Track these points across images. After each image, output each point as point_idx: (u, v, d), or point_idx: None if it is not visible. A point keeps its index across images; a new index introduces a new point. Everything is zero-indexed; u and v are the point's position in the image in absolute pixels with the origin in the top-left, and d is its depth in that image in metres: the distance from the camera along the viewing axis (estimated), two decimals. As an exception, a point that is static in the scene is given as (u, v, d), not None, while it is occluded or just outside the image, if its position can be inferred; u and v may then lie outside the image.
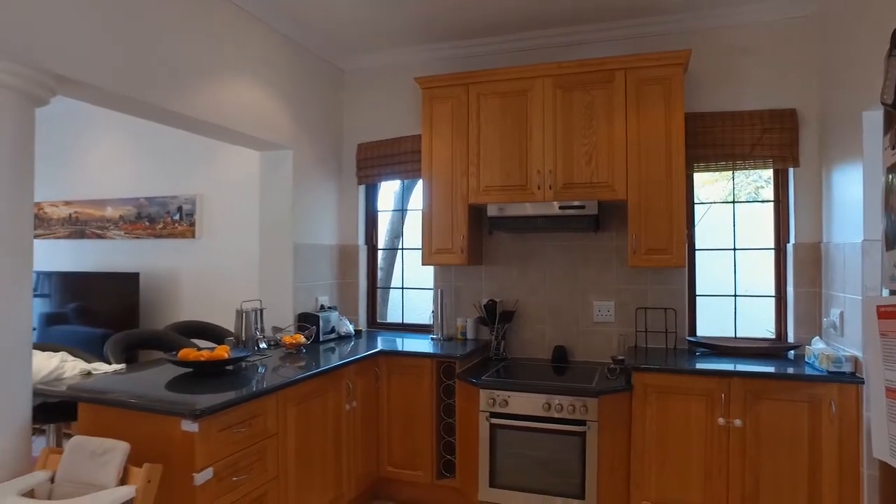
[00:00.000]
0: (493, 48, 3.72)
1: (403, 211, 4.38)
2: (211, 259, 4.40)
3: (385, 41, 3.80)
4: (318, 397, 2.74)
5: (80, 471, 1.90)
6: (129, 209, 4.71)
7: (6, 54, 1.98)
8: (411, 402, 3.26)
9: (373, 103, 4.10)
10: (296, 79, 3.62)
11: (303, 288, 3.69)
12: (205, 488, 2.03)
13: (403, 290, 4.26)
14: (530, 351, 3.63)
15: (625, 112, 3.10)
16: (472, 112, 3.38)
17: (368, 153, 4.07)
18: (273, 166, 3.65)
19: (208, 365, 2.52)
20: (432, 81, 3.46)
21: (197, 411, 1.98)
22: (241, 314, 3.12)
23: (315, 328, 3.49)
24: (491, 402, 2.94)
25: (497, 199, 3.32)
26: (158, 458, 2.02)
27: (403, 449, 3.28)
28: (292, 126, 3.59)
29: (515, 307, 3.65)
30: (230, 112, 3.06)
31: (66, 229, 5.03)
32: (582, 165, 3.15)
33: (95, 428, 2.16)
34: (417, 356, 3.26)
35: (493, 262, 3.74)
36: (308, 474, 2.65)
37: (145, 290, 4.61)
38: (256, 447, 2.30)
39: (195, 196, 4.43)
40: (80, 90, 2.38)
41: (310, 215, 3.79)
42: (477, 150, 3.37)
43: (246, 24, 3.18)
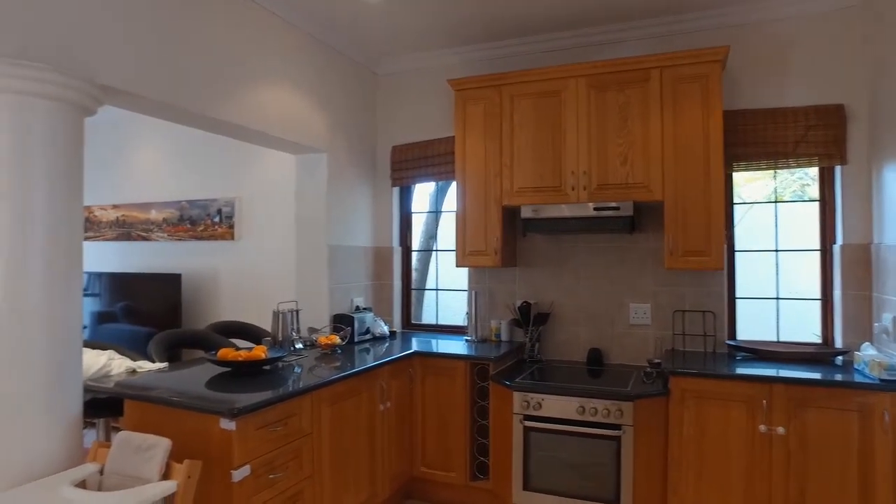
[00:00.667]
0: (525, 49, 3.71)
1: (438, 212, 4.40)
2: (249, 260, 4.51)
3: (418, 44, 3.82)
4: (352, 397, 2.77)
5: (126, 464, 1.97)
6: (171, 212, 4.86)
7: (59, 68, 2.07)
8: (445, 403, 3.27)
9: (406, 106, 4.13)
10: (330, 83, 3.68)
11: (338, 289, 3.75)
12: (242, 485, 2.08)
13: (438, 291, 4.28)
14: (565, 353, 3.60)
15: (661, 111, 3.04)
16: (504, 113, 3.37)
17: (402, 155, 4.10)
18: (308, 169, 3.72)
19: (246, 365, 2.58)
20: (465, 83, 3.47)
21: (235, 410, 2.03)
22: (277, 315, 3.19)
23: (350, 329, 3.54)
24: (525, 404, 2.93)
25: (530, 201, 3.30)
26: (198, 455, 2.09)
27: (437, 450, 3.29)
28: (327, 129, 3.65)
29: (550, 309, 3.62)
30: (267, 117, 3.13)
31: (114, 231, 5.23)
32: (616, 166, 3.11)
33: (140, 423, 2.24)
34: (451, 358, 3.27)
35: (527, 264, 3.72)
36: (342, 473, 2.69)
37: (187, 291, 4.76)
38: (292, 446, 2.35)
39: (234, 199, 4.55)
40: (125, 100, 2.48)
41: (345, 217, 3.85)
42: (510, 152, 3.36)
43: (282, 31, 3.25)
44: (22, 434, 2.01)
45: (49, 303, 2.06)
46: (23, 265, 2.02)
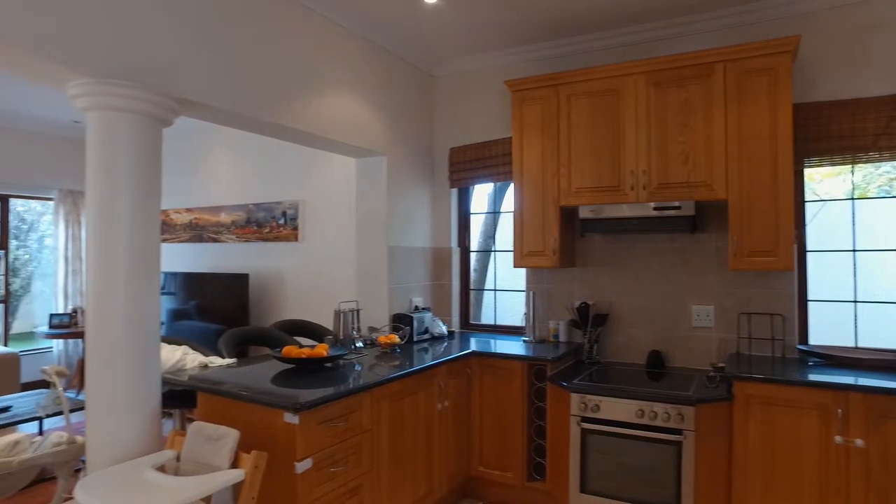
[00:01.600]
0: (582, 47, 3.66)
1: (496, 213, 4.41)
2: (312, 261, 4.67)
3: (474, 46, 3.85)
4: (410, 396, 2.83)
5: (200, 452, 2.10)
6: (239, 215, 5.10)
7: (140, 84, 2.23)
8: (502, 403, 3.28)
9: (463, 107, 4.16)
10: (389, 87, 3.76)
11: (398, 289, 3.82)
12: (305, 477, 2.17)
13: (496, 291, 4.29)
14: (624, 355, 3.53)
15: (724, 107, 2.94)
16: (562, 113, 3.35)
17: (460, 157, 4.14)
18: (369, 172, 3.82)
19: (309, 362, 2.68)
20: (521, 84, 3.46)
21: (298, 405, 2.12)
22: (339, 314, 3.29)
23: (409, 329, 3.60)
24: (582, 406, 2.90)
25: (589, 201, 3.27)
26: (264, 446, 2.20)
27: (494, 449, 3.31)
28: (386, 133, 3.73)
29: (609, 310, 3.57)
30: (330, 122, 3.24)
31: (188, 234, 5.53)
32: (678, 165, 3.03)
33: (212, 415, 2.38)
34: (509, 358, 3.27)
35: (585, 265, 3.68)
36: (400, 469, 2.75)
37: (254, 290, 4.98)
38: (352, 441, 2.43)
39: (298, 202, 4.72)
40: (199, 110, 2.64)
41: (404, 218, 3.92)
42: (568, 152, 3.34)
43: (343, 39, 3.35)
44: (111, 422, 2.18)
45: (132, 301, 2.22)
46: (110, 267, 2.19)
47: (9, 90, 4.82)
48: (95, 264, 2.20)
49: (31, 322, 8.44)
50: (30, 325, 8.28)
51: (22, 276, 8.66)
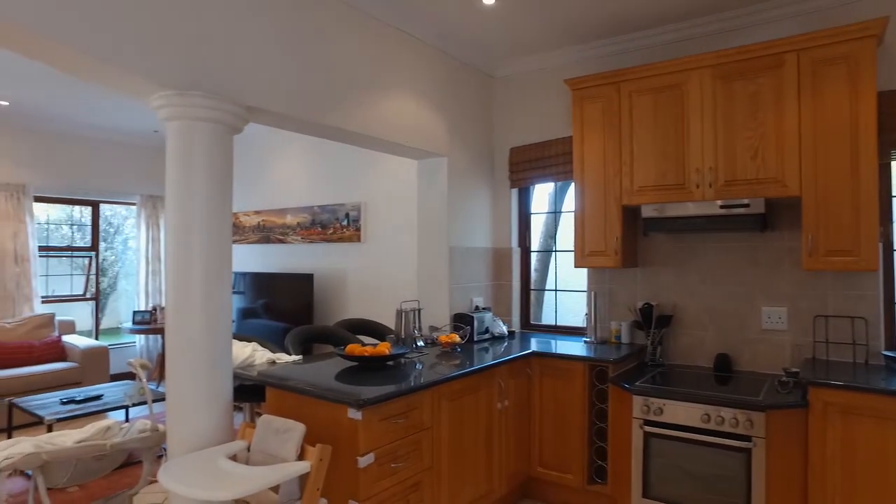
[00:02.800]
0: (643, 42, 3.58)
1: (557, 213, 4.38)
2: (374, 261, 4.78)
3: (533, 45, 3.83)
4: (471, 395, 2.85)
5: (268, 444, 2.20)
6: (304, 216, 5.28)
7: (214, 94, 2.36)
8: (563, 404, 3.25)
9: (523, 107, 4.15)
10: (448, 89, 3.80)
11: (458, 289, 3.86)
12: (367, 471, 2.23)
13: (557, 292, 4.25)
14: (689, 357, 3.42)
15: (797, 98, 2.80)
16: (623, 111, 3.29)
17: (520, 157, 4.13)
18: (429, 173, 3.87)
19: (371, 360, 2.75)
20: (582, 82, 3.42)
21: (361, 401, 2.19)
22: (400, 314, 3.36)
23: (469, 328, 3.63)
24: (645, 409, 2.84)
25: (652, 200, 3.19)
26: (328, 440, 2.28)
27: (554, 451, 3.28)
28: (447, 134, 3.78)
29: (673, 311, 3.47)
30: (391, 125, 3.31)
31: (256, 235, 5.78)
32: (746, 160, 2.91)
33: (279, 409, 2.49)
34: (570, 359, 3.24)
35: (648, 265, 3.59)
36: (460, 467, 2.78)
37: (318, 290, 5.14)
38: (413, 438, 2.47)
39: (360, 203, 4.84)
40: (267, 117, 2.76)
41: (465, 219, 3.95)
42: (630, 150, 3.27)
43: (403, 43, 3.42)
44: (188, 413, 2.32)
45: (206, 300, 2.35)
46: (186, 267, 2.33)
47: (98, 104, 5.19)
48: (174, 265, 2.34)
49: (117, 318, 9.05)
50: (116, 320, 8.89)
51: (109, 275, 9.29)
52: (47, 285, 6.41)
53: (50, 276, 6.54)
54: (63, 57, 2.05)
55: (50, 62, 2.12)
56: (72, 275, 7.20)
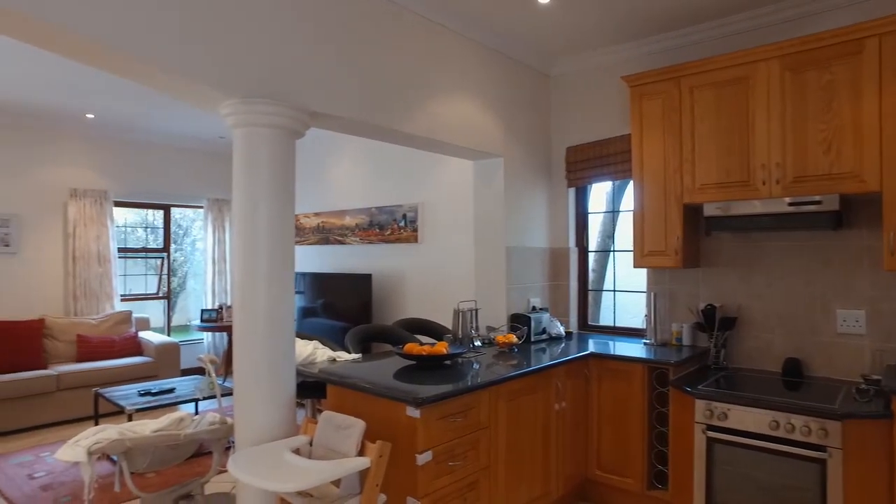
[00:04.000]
0: (704, 35, 3.46)
1: (615, 212, 4.30)
2: (431, 262, 4.83)
3: (589, 43, 3.78)
4: (528, 395, 2.85)
5: (329, 440, 2.27)
6: (362, 218, 5.39)
7: (277, 101, 2.46)
8: (622, 406, 3.20)
9: (580, 106, 4.10)
10: (504, 89, 3.80)
11: (515, 289, 3.85)
12: (425, 468, 2.27)
13: (615, 292, 4.18)
14: (755, 361, 3.29)
15: (878, 87, 2.63)
16: (684, 107, 3.20)
17: (577, 156, 4.08)
18: (486, 174, 3.88)
19: (429, 359, 2.79)
20: (640, 79, 3.35)
21: (419, 399, 2.22)
22: (458, 314, 3.38)
23: (526, 329, 3.62)
24: (708, 413, 2.75)
25: (714, 198, 3.09)
26: (387, 437, 2.33)
27: (612, 454, 3.23)
28: (502, 134, 3.78)
29: (737, 313, 3.34)
30: (448, 127, 3.34)
31: (316, 236, 5.94)
32: (818, 155, 2.77)
33: (339, 405, 2.56)
34: (629, 360, 3.18)
35: (711, 265, 3.47)
36: (517, 468, 2.78)
37: (376, 290, 5.24)
38: (470, 437, 2.49)
39: (417, 204, 4.90)
40: (328, 122, 2.85)
41: (521, 219, 3.94)
42: (691, 147, 3.18)
43: (459, 45, 3.44)
44: (254, 407, 2.42)
45: (270, 299, 2.45)
46: (252, 267, 2.44)
47: (169, 114, 5.48)
48: (240, 265, 2.45)
49: (186, 316, 9.51)
50: (185, 318, 9.35)
51: (179, 275, 9.78)
52: (125, 284, 6.81)
53: (127, 276, 6.94)
54: (142, 71, 2.18)
55: (131, 77, 2.27)
56: (146, 275, 7.62)
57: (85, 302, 5.94)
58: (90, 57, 2.11)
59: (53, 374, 4.95)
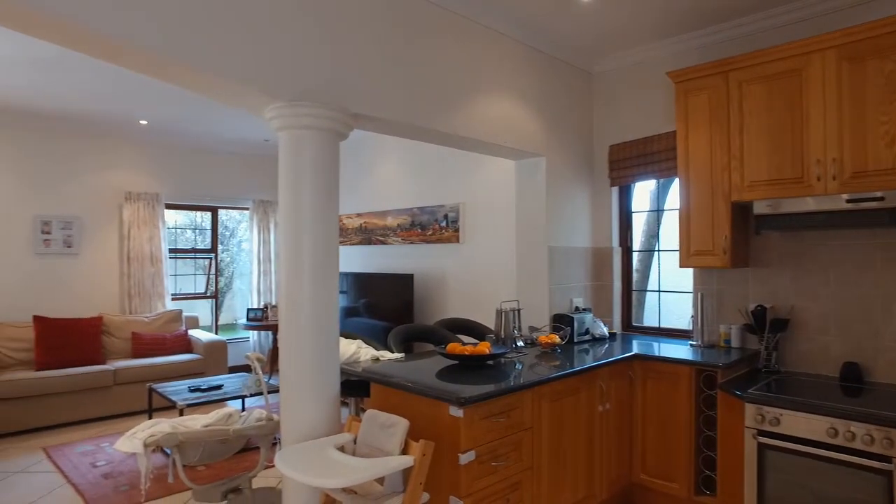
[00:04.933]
0: (753, 28, 3.35)
1: (659, 211, 4.21)
2: (473, 262, 4.83)
3: (631, 39, 3.71)
4: (571, 396, 2.82)
5: (373, 438, 2.30)
6: (404, 218, 5.43)
7: (321, 104, 2.50)
8: (667, 409, 3.13)
9: (623, 103, 4.03)
10: (546, 87, 3.77)
11: (558, 289, 3.82)
12: (468, 468, 2.27)
13: (660, 293, 4.09)
14: (809, 365, 3.17)
15: (943, 79, 2.50)
16: (732, 102, 3.10)
17: (620, 154, 4.02)
18: (528, 173, 3.86)
19: (472, 359, 2.79)
20: (685, 74, 3.27)
21: (462, 399, 2.23)
22: (500, 314, 3.38)
23: (569, 329, 3.58)
24: (759, 418, 2.66)
25: (765, 195, 2.99)
26: (430, 436, 2.34)
27: (658, 457, 3.16)
28: (544, 133, 3.75)
29: (790, 315, 3.22)
30: (490, 127, 3.34)
31: (358, 237, 6.02)
32: (880, 149, 2.64)
33: (383, 404, 2.59)
34: (675, 362, 3.11)
35: (761, 264, 3.36)
36: (560, 469, 2.75)
37: (418, 289, 5.27)
38: (513, 438, 2.48)
39: (459, 205, 4.91)
40: (371, 124, 2.88)
41: (563, 219, 3.90)
42: (739, 143, 3.08)
43: (500, 44, 3.43)
44: (300, 405, 2.47)
45: (315, 297, 2.50)
46: (297, 266, 2.49)
47: (216, 119, 5.65)
48: (286, 265, 2.51)
49: (232, 315, 9.78)
50: (231, 317, 9.61)
51: (225, 275, 10.07)
52: (175, 284, 7.05)
53: (177, 276, 7.18)
54: (195, 79, 2.26)
55: (184, 84, 2.35)
56: (195, 275, 7.88)
57: (139, 301, 6.18)
58: (147, 67, 2.19)
59: (111, 369, 5.17)
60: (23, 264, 5.58)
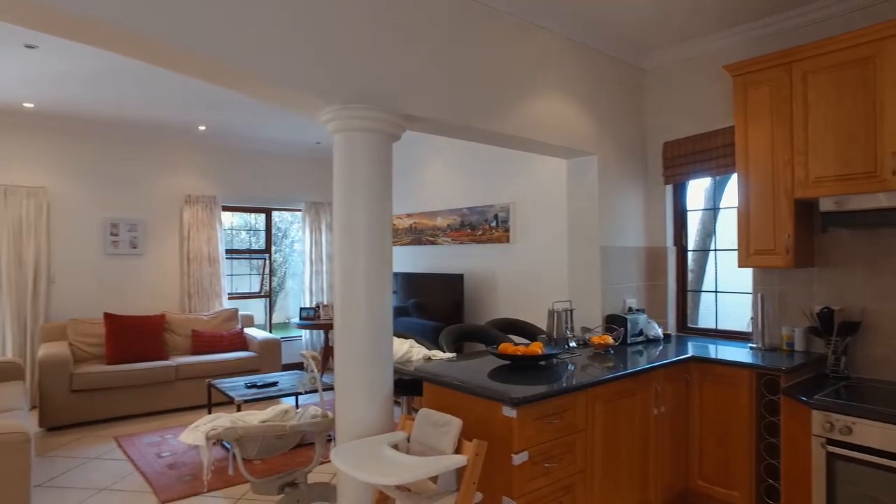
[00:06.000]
0: (817, 16, 3.20)
1: (715, 209, 4.08)
2: (523, 261, 4.80)
3: (685, 33, 3.61)
4: (625, 398, 2.77)
5: (427, 436, 2.32)
6: (454, 218, 5.45)
7: (375, 106, 2.54)
8: (726, 414, 3.03)
9: (677, 99, 3.93)
10: (597, 85, 3.72)
11: (610, 290, 3.75)
12: (521, 469, 2.26)
13: (717, 293, 3.97)
14: (885, 372, 3.00)
15: None
16: (795, 94, 2.98)
17: (675, 151, 3.92)
18: (579, 172, 3.81)
19: (524, 359, 2.78)
20: (744, 67, 3.15)
21: (516, 399, 2.22)
22: (552, 314, 3.34)
23: (623, 330, 3.52)
24: (827, 426, 2.54)
25: (833, 191, 2.85)
26: (482, 436, 2.34)
27: (716, 464, 3.06)
28: (596, 131, 3.69)
29: (861, 317, 3.07)
30: (541, 126, 3.31)
31: (408, 237, 6.07)
32: (960, 142, 2.48)
33: (435, 403, 2.60)
34: (734, 365, 3.01)
35: (827, 264, 3.21)
36: (614, 473, 2.71)
37: (468, 289, 5.28)
38: (566, 439, 2.46)
39: (509, 204, 4.89)
40: (423, 124, 2.91)
41: (616, 218, 3.83)
42: (804, 137, 2.95)
43: (551, 42, 3.40)
44: (354, 402, 2.52)
45: (369, 297, 2.53)
46: (352, 266, 2.53)
47: (269, 122, 5.82)
48: (341, 265, 2.55)
49: (285, 314, 10.05)
50: (284, 316, 9.87)
51: (278, 275, 10.35)
52: (231, 284, 7.30)
53: (233, 276, 7.43)
54: (253, 85, 2.34)
55: (242, 90, 2.43)
56: (250, 275, 8.13)
57: (197, 299, 6.42)
58: (209, 74, 2.28)
59: (173, 364, 5.39)
60: (95, 264, 5.91)
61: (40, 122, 5.62)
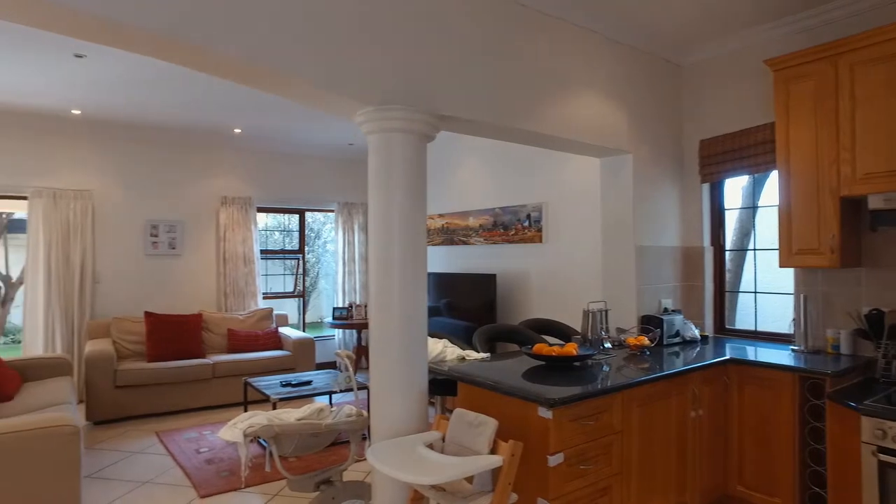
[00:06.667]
0: (864, 5, 3.09)
1: (754, 208, 3.98)
2: (556, 261, 4.76)
3: (722, 27, 3.53)
4: (662, 401, 2.72)
5: (462, 436, 2.31)
6: (486, 218, 5.44)
7: (409, 107, 2.55)
8: (767, 418, 2.95)
9: (714, 96, 3.84)
10: (632, 82, 3.66)
11: (646, 290, 3.70)
12: (556, 470, 2.24)
13: (756, 294, 3.87)
14: (937, 376, 2.88)
15: None
16: (841, 88, 2.88)
17: (712, 149, 3.83)
18: (613, 171, 3.76)
19: (559, 360, 2.76)
20: (786, 61, 3.07)
21: (552, 400, 2.20)
22: (587, 314, 3.31)
23: (659, 331, 3.46)
24: (879, 433, 2.45)
25: (883, 188, 2.75)
26: (517, 437, 2.32)
27: (757, 469, 2.99)
28: (631, 129, 3.64)
29: (912, 320, 2.95)
30: (574, 124, 3.28)
31: (441, 237, 6.09)
32: None
33: (470, 403, 2.60)
34: (775, 368, 2.93)
35: (876, 265, 3.10)
36: (650, 476, 2.66)
37: (500, 289, 5.26)
38: (602, 441, 2.43)
39: (542, 204, 4.86)
40: (456, 124, 2.91)
41: (651, 217, 3.77)
42: (850, 133, 2.86)
43: (586, 40, 3.37)
44: (389, 401, 2.54)
45: (404, 296, 2.55)
46: (387, 266, 2.55)
47: (302, 124, 5.90)
48: (375, 266, 2.57)
49: (318, 313, 10.17)
50: (317, 315, 10.00)
51: (311, 275, 10.49)
52: (266, 283, 7.43)
53: (268, 276, 7.56)
54: (289, 87, 2.38)
55: (279, 92, 2.47)
56: (284, 275, 8.26)
57: (233, 299, 6.56)
58: (248, 78, 2.33)
59: (210, 362, 5.52)
60: (136, 264, 6.10)
61: (87, 128, 5.82)
